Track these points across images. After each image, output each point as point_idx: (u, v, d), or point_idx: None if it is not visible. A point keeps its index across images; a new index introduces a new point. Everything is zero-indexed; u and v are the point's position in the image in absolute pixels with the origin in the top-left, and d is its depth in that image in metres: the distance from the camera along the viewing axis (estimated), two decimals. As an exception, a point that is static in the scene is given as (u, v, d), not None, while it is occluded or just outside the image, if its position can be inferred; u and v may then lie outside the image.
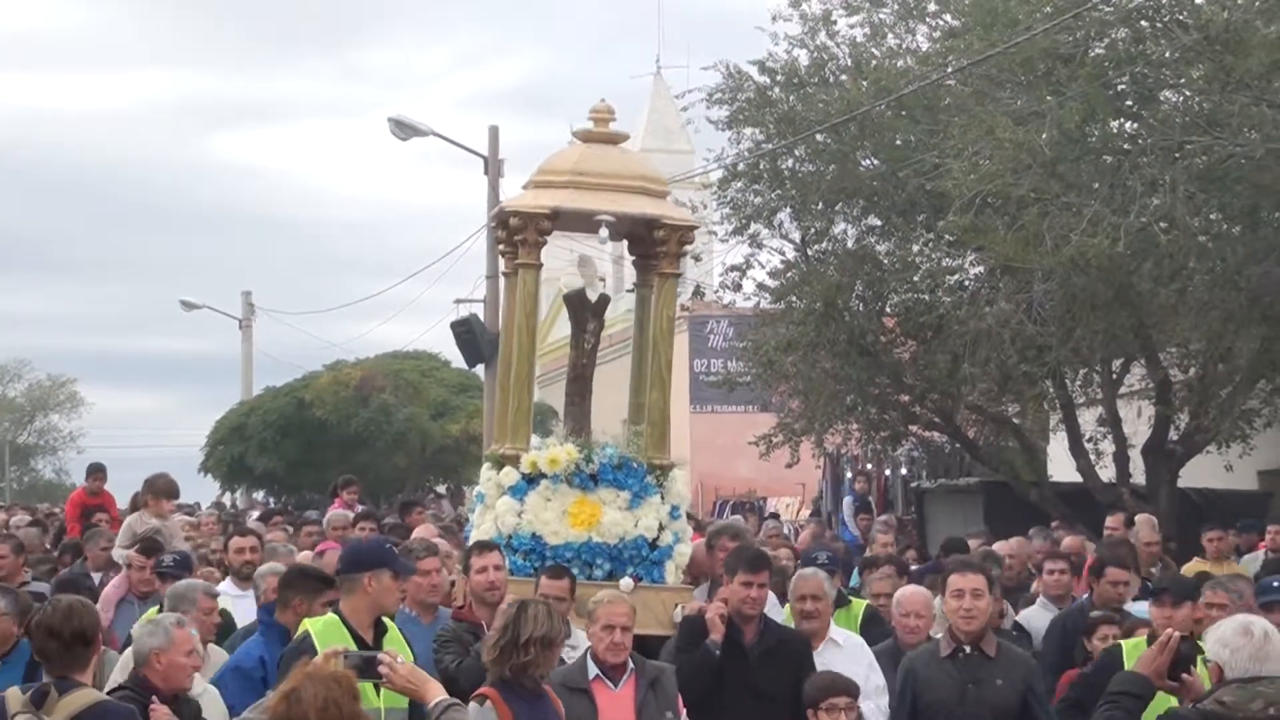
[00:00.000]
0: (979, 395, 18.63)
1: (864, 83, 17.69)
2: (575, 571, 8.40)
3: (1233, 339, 16.17)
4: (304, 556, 10.72)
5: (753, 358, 20.32)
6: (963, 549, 12.24)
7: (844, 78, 18.34)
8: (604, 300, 9.73)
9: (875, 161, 18.30)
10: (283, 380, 41.02)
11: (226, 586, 9.99)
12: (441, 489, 40.09)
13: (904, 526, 19.29)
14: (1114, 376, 19.03)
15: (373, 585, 6.41)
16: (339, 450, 37.77)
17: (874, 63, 18.22)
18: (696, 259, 25.35)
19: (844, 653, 8.16)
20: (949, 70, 16.99)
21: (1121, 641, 7.75)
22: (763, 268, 19.53)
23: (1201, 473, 19.28)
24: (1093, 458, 19.09)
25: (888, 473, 24.77)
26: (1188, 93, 15.44)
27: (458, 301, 28.82)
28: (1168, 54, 15.12)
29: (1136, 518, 13.69)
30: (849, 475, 23.26)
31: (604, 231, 9.23)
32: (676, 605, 8.54)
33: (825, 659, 7.98)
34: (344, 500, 16.16)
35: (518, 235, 9.08)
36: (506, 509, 8.77)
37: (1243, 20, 14.10)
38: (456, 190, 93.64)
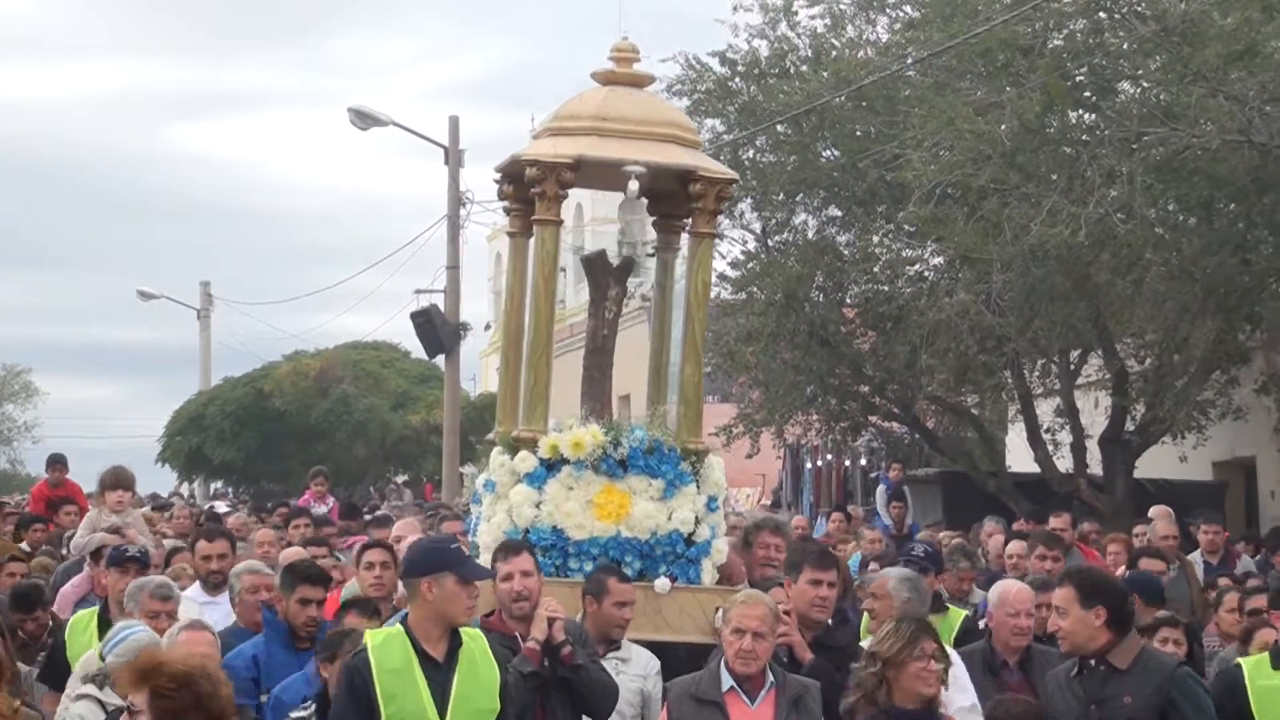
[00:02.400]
0: (938, 386, 18.70)
1: (824, 73, 17.73)
2: (588, 569, 7.51)
3: (1188, 330, 16.28)
4: (293, 553, 10.02)
5: (713, 348, 20.34)
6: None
7: (804, 68, 18.38)
8: (628, 264, 8.60)
9: (835, 152, 18.34)
10: (241, 370, 40.89)
11: (194, 593, 9.11)
12: (401, 479, 40.03)
13: (868, 517, 19.29)
14: (1071, 367, 19.15)
15: (433, 592, 5.65)
16: (298, 441, 37.66)
17: (834, 54, 18.26)
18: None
19: None
20: (909, 61, 17.05)
21: (1240, 660, 6.81)
22: (723, 258, 19.56)
23: (1157, 463, 19.41)
24: (1050, 448, 19.20)
25: (847, 463, 24.84)
26: (1145, 84, 15.54)
27: (418, 292, 28.72)
28: (1126, 45, 15.22)
29: (1153, 510, 12.95)
30: (884, 464, 22.68)
31: (633, 185, 7.93)
32: (717, 609, 7.27)
33: None
34: (313, 492, 16.01)
35: (536, 187, 7.85)
36: (523, 499, 7.67)
37: (1200, 12, 14.21)
38: (418, 181, 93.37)
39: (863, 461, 24.65)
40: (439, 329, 26.21)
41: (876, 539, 13.57)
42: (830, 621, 7.38)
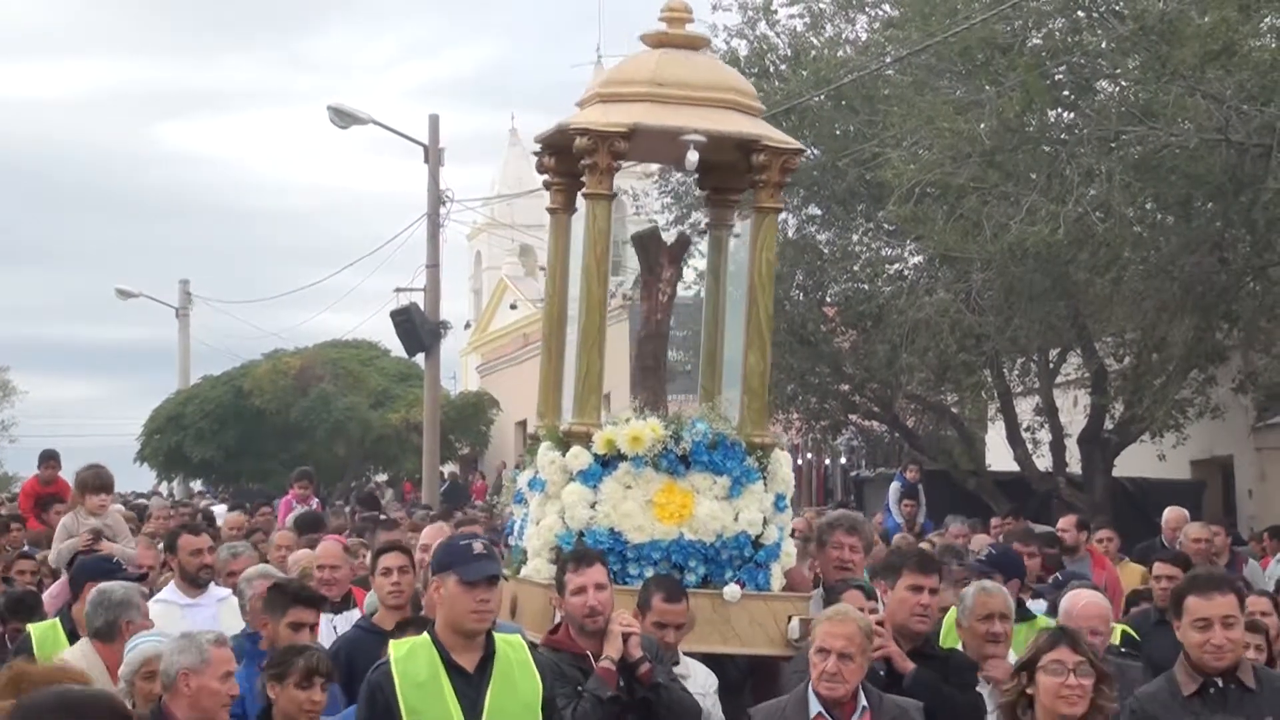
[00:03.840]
0: (918, 384, 18.73)
1: (804, 73, 17.74)
2: (649, 575, 6.85)
3: (1166, 329, 16.33)
4: (303, 555, 9.56)
5: (693, 346, 20.31)
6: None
7: (784, 68, 18.39)
8: (683, 242, 8.03)
9: (815, 151, 18.34)
10: (221, 369, 40.80)
11: (170, 594, 8.43)
12: (381, 478, 39.97)
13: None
14: (1051, 366, 19.20)
15: (440, 594, 5.25)
16: (278, 439, 37.59)
17: (813, 53, 18.27)
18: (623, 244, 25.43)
19: None
20: (888, 60, 17.05)
21: None
22: (703, 256, 19.55)
23: (1136, 462, 19.47)
24: (1030, 447, 19.25)
25: (827, 462, 24.87)
26: (1124, 83, 15.56)
27: (398, 290, 28.69)
28: (1104, 44, 15.24)
29: (1171, 516, 12.62)
30: (901, 463, 22.36)
31: (692, 156, 7.27)
32: (790, 618, 6.87)
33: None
34: (296, 494, 15.78)
35: (587, 159, 7.21)
36: (578, 499, 6.96)
37: (1178, 11, 14.24)
38: (398, 179, 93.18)
39: (843, 460, 24.69)
40: (419, 327, 26.18)
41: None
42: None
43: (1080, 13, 15.58)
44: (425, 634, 5.30)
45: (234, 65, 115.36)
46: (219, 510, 20.03)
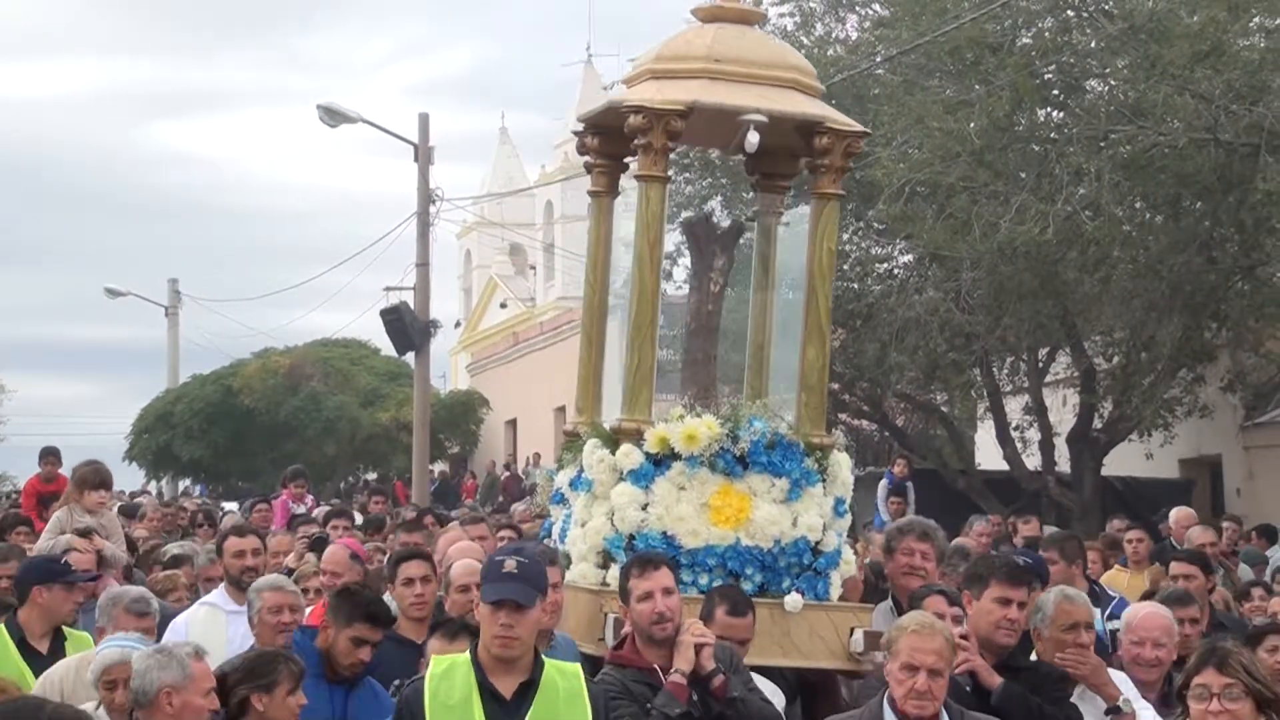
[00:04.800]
0: (907, 383, 18.76)
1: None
2: (703, 582, 6.45)
3: (1155, 328, 16.38)
4: (335, 555, 8.86)
5: (674, 345, 20.30)
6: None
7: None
8: (737, 229, 7.62)
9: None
10: (210, 368, 40.73)
11: (218, 598, 8.00)
12: (371, 476, 39.94)
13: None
14: (1040, 365, 19.24)
15: (479, 614, 5.01)
16: (267, 438, 37.53)
17: (804, 52, 18.27)
18: (627, 246, 25.40)
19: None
20: (878, 59, 17.08)
21: None
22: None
23: (1125, 461, 19.51)
24: (1019, 445, 19.28)
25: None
26: (1113, 82, 15.62)
27: (387, 289, 28.66)
28: (1093, 44, 15.29)
29: (1180, 516, 12.33)
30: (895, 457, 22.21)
31: (753, 137, 6.76)
32: (853, 629, 6.49)
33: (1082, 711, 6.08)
34: (292, 493, 15.66)
35: (641, 138, 6.78)
36: (628, 500, 6.55)
37: (1167, 11, 14.29)
38: (389, 179, 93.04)
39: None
40: (409, 326, 26.15)
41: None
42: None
43: (1070, 12, 15.63)
44: (467, 653, 4.97)
45: (227, 65, 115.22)
46: (228, 506, 19.59)
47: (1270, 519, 15.48)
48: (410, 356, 28.20)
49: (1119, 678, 6.14)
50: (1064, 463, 19.07)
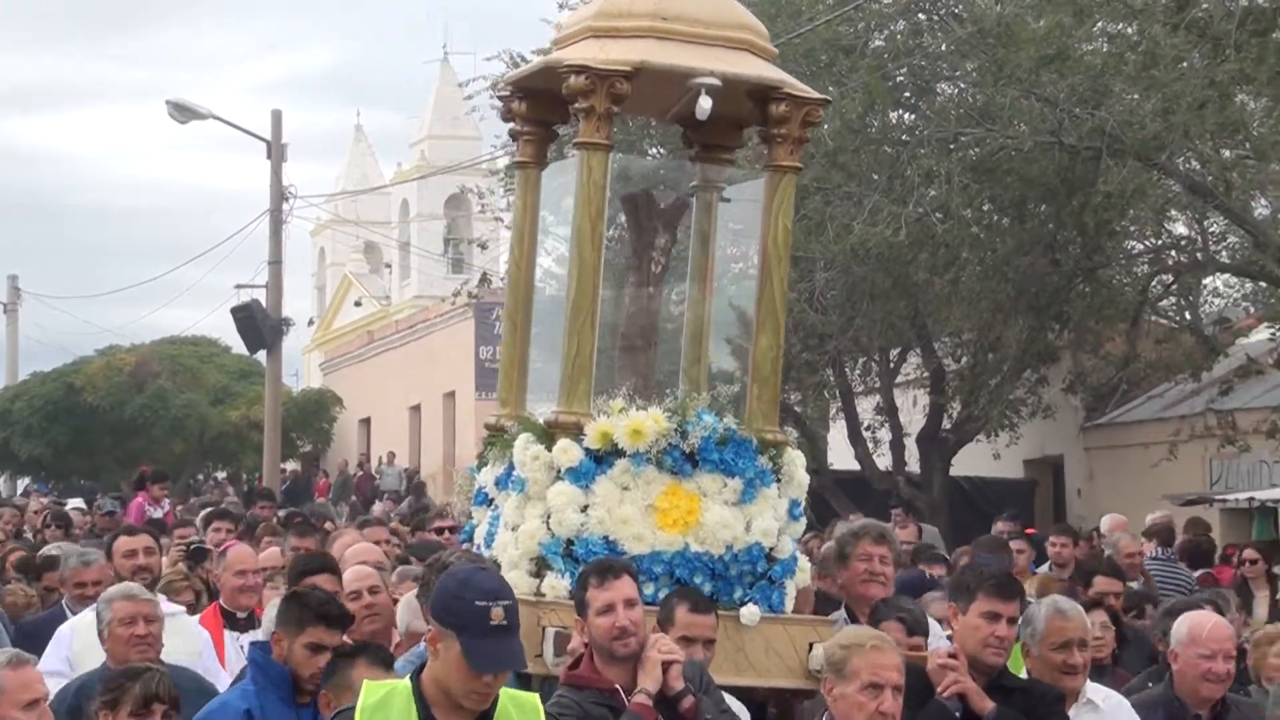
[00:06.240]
0: (760, 382, 18.84)
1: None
2: (649, 591, 5.78)
3: (1001, 329, 16.68)
4: (270, 556, 8.49)
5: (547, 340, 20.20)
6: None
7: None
8: (680, 206, 6.98)
9: (661, 150, 18.38)
10: (52, 365, 39.76)
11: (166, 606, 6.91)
12: (222, 475, 39.37)
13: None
14: (891, 365, 19.49)
15: (439, 649, 4.11)
16: (112, 436, 36.76)
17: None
18: (483, 246, 25.24)
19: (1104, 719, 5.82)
20: (734, 59, 17.15)
21: None
22: (549, 255, 19.47)
23: (972, 461, 19.85)
24: (870, 445, 19.51)
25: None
26: (962, 85, 15.87)
27: (239, 287, 28.20)
28: (944, 47, 15.52)
29: (1109, 522, 12.36)
30: None
31: (705, 103, 6.16)
32: (811, 645, 5.95)
33: None
34: (151, 496, 15.16)
35: (581, 101, 6.16)
36: (567, 501, 5.93)
37: (1014, 15, 14.55)
38: (242, 176, 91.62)
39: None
40: (260, 324, 25.77)
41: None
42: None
43: (921, 15, 15.85)
44: (407, 681, 4.16)
45: (76, 60, 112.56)
46: (76, 504, 18.88)
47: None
48: (262, 354, 27.78)
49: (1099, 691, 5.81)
50: (914, 463, 19.33)
